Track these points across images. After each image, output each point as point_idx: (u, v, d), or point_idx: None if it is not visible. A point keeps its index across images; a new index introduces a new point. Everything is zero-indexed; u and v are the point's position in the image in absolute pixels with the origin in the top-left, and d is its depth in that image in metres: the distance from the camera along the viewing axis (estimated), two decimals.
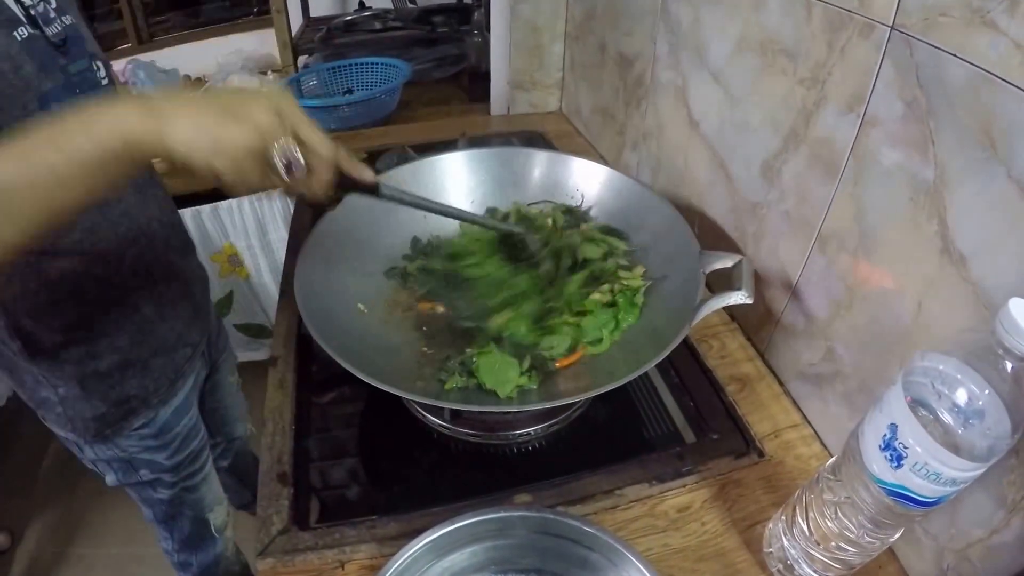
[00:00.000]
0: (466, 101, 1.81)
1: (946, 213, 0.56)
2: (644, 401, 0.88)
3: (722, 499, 0.72)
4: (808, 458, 0.76)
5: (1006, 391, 0.45)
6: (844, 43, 0.65)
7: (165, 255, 0.89)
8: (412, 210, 0.97)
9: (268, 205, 1.75)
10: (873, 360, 0.68)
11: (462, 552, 0.59)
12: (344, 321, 0.79)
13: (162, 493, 1.03)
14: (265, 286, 1.93)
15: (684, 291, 0.75)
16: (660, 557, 0.67)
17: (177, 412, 0.97)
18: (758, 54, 0.79)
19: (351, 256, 0.87)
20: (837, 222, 0.70)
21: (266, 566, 0.66)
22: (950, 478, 0.47)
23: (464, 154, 1.01)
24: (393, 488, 0.78)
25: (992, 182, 0.51)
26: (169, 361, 0.92)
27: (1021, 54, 0.47)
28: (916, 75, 0.57)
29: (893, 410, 0.49)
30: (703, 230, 0.98)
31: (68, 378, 0.82)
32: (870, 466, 0.52)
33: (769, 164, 0.80)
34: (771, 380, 0.86)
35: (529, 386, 0.74)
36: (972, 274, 0.54)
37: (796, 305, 0.80)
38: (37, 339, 0.78)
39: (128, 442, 0.92)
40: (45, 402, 0.85)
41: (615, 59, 1.24)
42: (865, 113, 0.64)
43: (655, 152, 1.12)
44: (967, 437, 0.46)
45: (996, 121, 0.50)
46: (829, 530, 0.57)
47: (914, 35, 0.57)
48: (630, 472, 0.74)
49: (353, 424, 0.85)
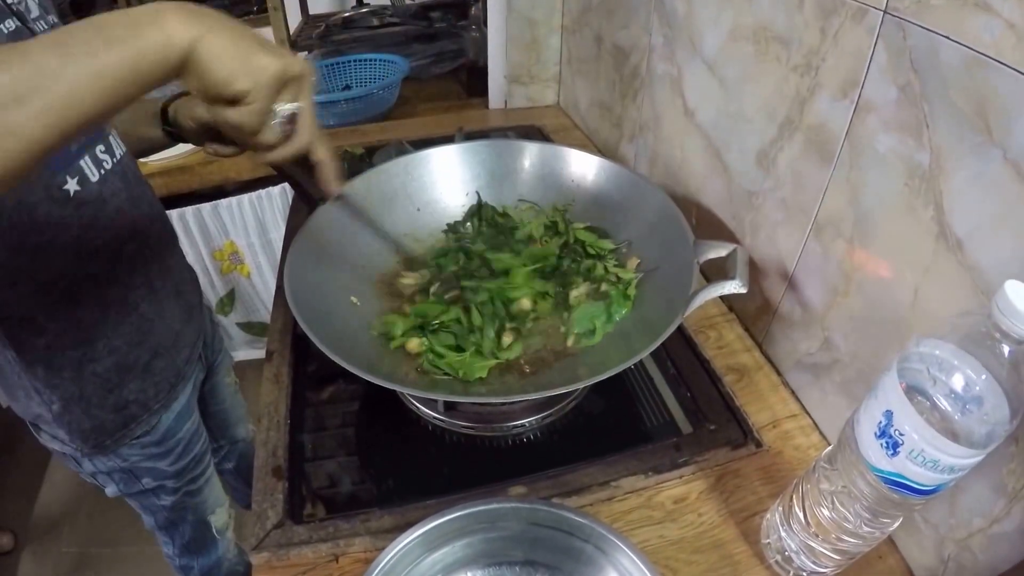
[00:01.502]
0: (464, 96, 1.81)
1: (942, 197, 0.55)
2: (640, 392, 0.88)
3: (719, 490, 0.72)
4: (806, 448, 0.76)
5: (1004, 376, 0.44)
6: (837, 29, 0.65)
7: (159, 252, 0.88)
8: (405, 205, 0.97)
9: (268, 203, 1.75)
10: (871, 348, 0.68)
11: (454, 545, 0.59)
12: (336, 314, 0.78)
13: (165, 500, 1.02)
14: (267, 284, 1.93)
15: (678, 281, 0.75)
16: (656, 548, 0.66)
17: (179, 417, 0.96)
18: (751, 42, 0.78)
19: (344, 249, 0.87)
20: (833, 209, 0.70)
21: (261, 560, 0.66)
22: (948, 465, 0.46)
23: (459, 147, 1.00)
24: (388, 481, 0.78)
25: (987, 165, 0.51)
26: (170, 363, 0.91)
27: (1015, 35, 0.47)
28: (909, 59, 0.56)
29: (888, 397, 0.49)
30: (700, 220, 0.97)
31: (65, 385, 0.80)
32: (866, 454, 0.51)
33: (764, 152, 0.79)
34: (769, 370, 0.85)
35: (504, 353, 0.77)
36: (969, 258, 0.54)
37: (793, 294, 0.79)
38: (32, 346, 0.76)
39: (130, 451, 0.91)
40: (39, 418, 0.84)
41: (611, 52, 1.23)
42: (859, 98, 0.63)
43: (651, 144, 1.11)
44: (965, 423, 0.45)
45: (991, 103, 0.50)
46: (827, 520, 0.56)
47: (907, 18, 0.56)
48: (626, 463, 0.74)
49: (348, 418, 0.85)
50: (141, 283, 0.85)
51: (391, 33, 1.98)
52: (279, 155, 0.59)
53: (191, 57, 0.49)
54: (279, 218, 1.79)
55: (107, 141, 0.78)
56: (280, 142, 0.58)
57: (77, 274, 0.76)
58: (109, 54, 0.45)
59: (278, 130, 0.56)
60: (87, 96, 0.44)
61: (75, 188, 0.72)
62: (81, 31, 0.45)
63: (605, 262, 0.88)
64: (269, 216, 1.78)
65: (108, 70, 0.45)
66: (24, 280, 0.72)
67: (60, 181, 0.71)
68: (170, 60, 0.48)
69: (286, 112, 0.56)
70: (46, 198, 0.70)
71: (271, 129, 0.56)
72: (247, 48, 0.51)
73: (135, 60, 0.46)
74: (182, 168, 1.56)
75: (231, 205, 1.72)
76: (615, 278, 0.85)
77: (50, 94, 0.42)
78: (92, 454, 0.89)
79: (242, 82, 0.51)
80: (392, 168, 0.96)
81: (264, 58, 0.51)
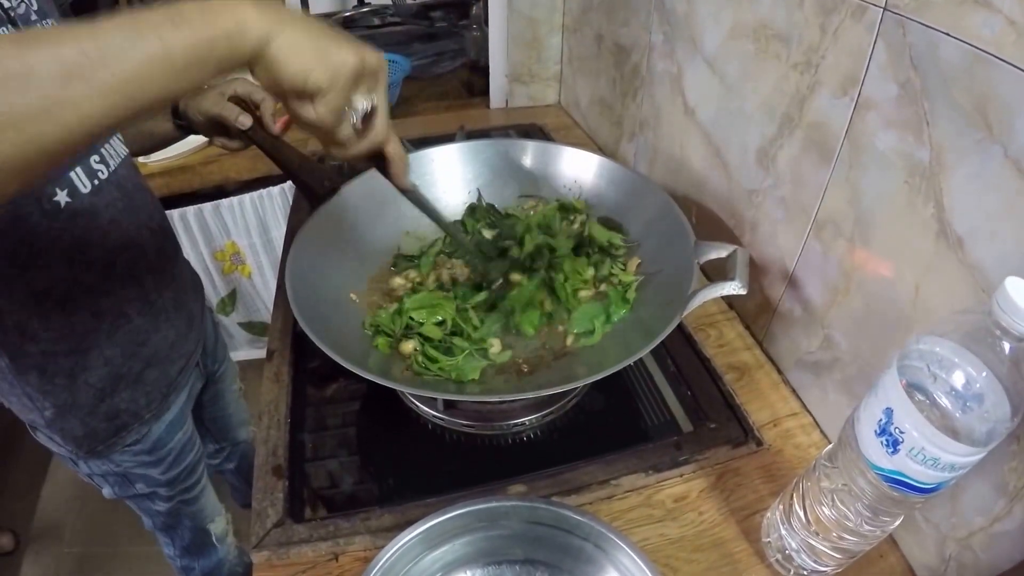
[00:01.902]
0: (466, 96, 1.81)
1: (942, 195, 0.55)
2: (641, 391, 0.88)
3: (720, 488, 0.72)
4: (807, 447, 0.76)
5: (1004, 373, 0.44)
6: (837, 26, 0.64)
7: (157, 262, 0.87)
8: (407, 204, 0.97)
9: (270, 202, 1.75)
10: (872, 347, 0.68)
11: (454, 543, 0.59)
12: (336, 312, 0.79)
13: (160, 505, 1.02)
14: (268, 284, 1.93)
15: (678, 281, 0.75)
16: (656, 547, 0.66)
17: (171, 427, 0.95)
18: (751, 40, 0.78)
19: (344, 246, 0.87)
20: (833, 207, 0.70)
21: (261, 559, 0.66)
22: (948, 463, 0.46)
23: (459, 146, 1.00)
24: (388, 480, 0.78)
25: (988, 162, 0.50)
26: (162, 374, 0.91)
27: (1015, 32, 0.46)
28: (909, 56, 0.56)
29: (888, 394, 0.48)
30: (700, 219, 0.97)
31: (57, 393, 0.80)
32: (866, 452, 0.51)
33: (764, 150, 0.79)
34: (770, 369, 0.85)
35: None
36: (969, 256, 0.53)
37: (793, 292, 0.79)
38: (25, 353, 0.76)
39: (122, 457, 0.91)
40: (33, 422, 0.84)
41: (612, 50, 1.23)
42: (859, 96, 0.63)
43: (652, 142, 1.11)
44: (965, 421, 0.45)
45: (991, 100, 0.49)
46: (827, 518, 0.56)
47: (907, 15, 0.56)
48: (626, 462, 0.73)
49: (348, 417, 0.85)
50: (136, 295, 0.84)
51: (392, 32, 1.98)
52: (355, 151, 0.58)
53: (266, 49, 0.48)
54: (280, 217, 1.79)
55: (101, 152, 0.77)
56: (355, 138, 0.57)
57: (71, 284, 0.76)
58: (180, 36, 0.44)
59: (353, 125, 0.56)
60: (154, 76, 0.43)
61: (66, 200, 0.71)
62: (154, 13, 0.44)
63: (614, 259, 0.88)
64: (270, 215, 1.78)
65: (177, 52, 0.44)
66: (18, 288, 0.72)
67: (50, 193, 0.70)
68: (242, 48, 0.47)
69: (362, 108, 0.55)
70: (37, 210, 0.69)
71: (345, 124, 0.55)
72: (324, 42, 0.50)
73: (206, 45, 0.45)
74: (183, 168, 1.56)
75: (232, 205, 1.72)
76: (616, 280, 0.84)
77: (117, 71, 0.41)
78: (86, 457, 0.89)
79: (318, 77, 0.50)
80: None
81: (341, 52, 0.50)
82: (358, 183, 0.91)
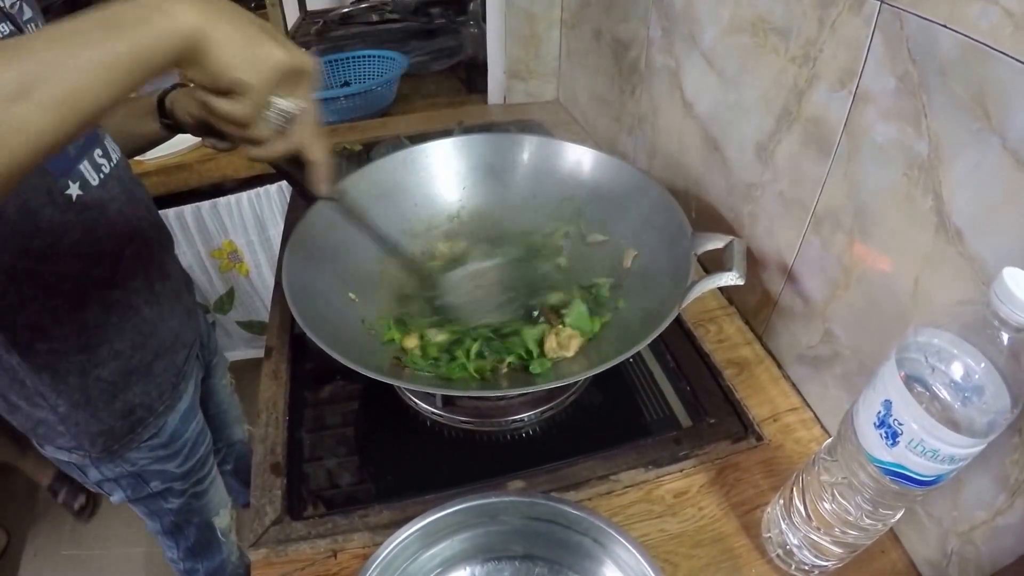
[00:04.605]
0: (464, 92, 1.80)
1: (941, 187, 0.55)
2: (640, 386, 0.87)
3: (720, 484, 0.71)
4: (808, 442, 0.75)
5: (1003, 364, 0.44)
6: (835, 19, 0.64)
7: (158, 254, 0.88)
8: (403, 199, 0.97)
9: (267, 200, 1.74)
10: (871, 340, 0.67)
11: (452, 539, 0.59)
12: (334, 310, 0.78)
13: (172, 503, 1.02)
14: (266, 282, 1.92)
15: (676, 273, 0.75)
16: (656, 542, 0.66)
17: (184, 417, 0.96)
18: (749, 33, 0.78)
19: (342, 245, 0.87)
20: (831, 201, 0.69)
21: (259, 556, 0.65)
22: (948, 455, 0.46)
23: (455, 141, 0.99)
24: (387, 477, 0.77)
25: (987, 153, 0.50)
26: (170, 364, 0.91)
27: (1013, 23, 0.46)
28: (907, 48, 0.56)
29: (887, 387, 0.48)
30: (699, 213, 0.97)
31: (71, 391, 0.80)
32: (866, 445, 0.51)
33: (763, 144, 0.79)
34: (770, 363, 0.85)
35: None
36: (969, 248, 0.53)
37: (793, 287, 0.79)
38: (36, 351, 0.75)
39: (138, 455, 0.91)
40: (43, 423, 0.82)
41: (610, 45, 1.22)
42: (857, 89, 0.63)
43: (650, 137, 1.11)
44: (964, 412, 0.45)
45: (989, 91, 0.49)
46: (828, 513, 0.56)
47: (904, 8, 0.56)
48: (626, 457, 0.73)
49: (347, 414, 0.84)
50: (142, 286, 0.84)
51: (390, 29, 1.98)
52: (267, 151, 0.57)
53: (196, 44, 0.47)
54: (278, 216, 1.78)
55: (104, 145, 0.78)
56: (271, 138, 0.56)
57: (81, 278, 0.76)
58: (116, 43, 0.44)
59: (271, 125, 0.54)
60: (95, 86, 0.43)
61: (77, 192, 0.72)
62: (86, 21, 0.44)
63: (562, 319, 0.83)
64: (268, 214, 1.77)
65: (115, 59, 0.44)
66: (29, 284, 0.72)
67: (62, 186, 0.71)
68: (177, 47, 0.46)
69: (282, 108, 0.54)
70: (49, 203, 0.70)
71: (263, 123, 0.54)
72: (253, 37, 0.49)
73: (142, 48, 0.45)
74: (180, 166, 1.55)
75: (229, 203, 1.72)
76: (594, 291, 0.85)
77: (58, 86, 0.41)
78: (100, 459, 0.88)
79: (241, 71, 0.49)
80: (389, 163, 0.96)
81: (269, 48, 0.50)
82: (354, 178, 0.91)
